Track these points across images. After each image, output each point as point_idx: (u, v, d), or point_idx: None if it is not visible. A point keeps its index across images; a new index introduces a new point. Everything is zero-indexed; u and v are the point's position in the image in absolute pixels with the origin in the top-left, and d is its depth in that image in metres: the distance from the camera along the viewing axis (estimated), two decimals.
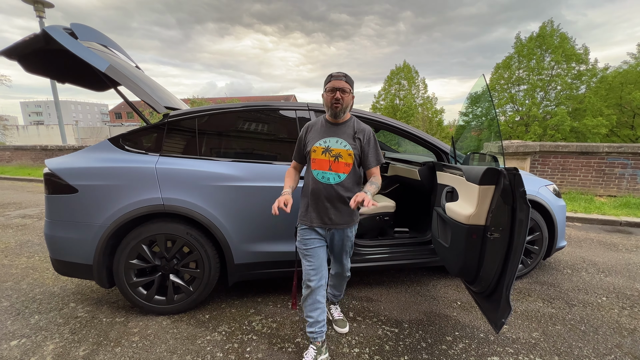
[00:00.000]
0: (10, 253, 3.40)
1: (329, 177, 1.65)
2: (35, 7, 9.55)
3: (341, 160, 1.64)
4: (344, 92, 1.58)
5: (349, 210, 1.70)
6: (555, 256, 3.25)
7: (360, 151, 1.66)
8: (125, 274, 2.10)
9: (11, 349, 1.86)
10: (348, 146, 1.64)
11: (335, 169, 1.65)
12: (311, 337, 1.72)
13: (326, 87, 1.63)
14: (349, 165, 1.65)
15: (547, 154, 5.87)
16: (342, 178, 1.65)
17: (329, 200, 1.66)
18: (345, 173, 1.65)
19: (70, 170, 2.08)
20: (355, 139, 1.65)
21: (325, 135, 1.68)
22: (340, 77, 1.59)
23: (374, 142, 1.69)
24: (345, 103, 1.60)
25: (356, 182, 1.72)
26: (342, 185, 1.65)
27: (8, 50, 2.10)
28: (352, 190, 1.68)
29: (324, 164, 1.65)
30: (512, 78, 22.70)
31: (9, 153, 12.24)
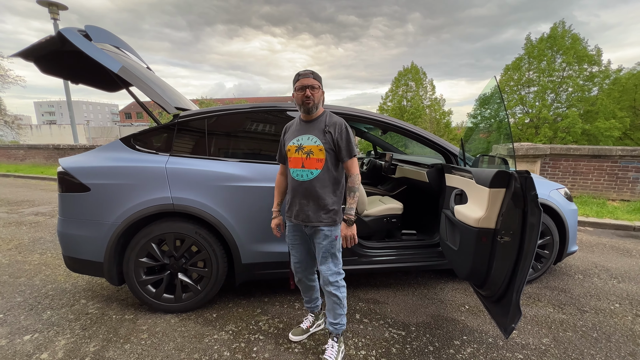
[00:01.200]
0: (24, 249, 3.48)
1: (302, 174, 1.66)
2: (49, 10, 9.79)
3: (312, 157, 1.63)
4: (312, 88, 1.60)
5: (325, 208, 1.66)
6: (566, 261, 3.19)
7: (333, 145, 1.63)
8: (134, 272, 2.14)
9: (24, 343, 1.90)
10: (318, 141, 1.63)
11: (308, 165, 1.64)
12: (308, 308, 2.02)
13: (295, 86, 1.65)
14: (321, 161, 1.63)
15: (558, 157, 5.77)
16: (314, 174, 1.64)
17: (304, 197, 1.67)
18: (318, 169, 1.63)
19: (83, 169, 2.12)
20: (326, 133, 1.63)
21: (298, 133, 1.70)
22: (308, 75, 1.62)
23: (346, 135, 1.64)
24: (316, 99, 1.62)
25: (333, 177, 1.67)
26: (316, 182, 1.64)
27: (25, 52, 2.16)
28: (327, 186, 1.66)
29: (297, 162, 1.67)
30: (522, 80, 22.38)
31: (23, 152, 12.54)
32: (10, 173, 10.00)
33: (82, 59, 2.07)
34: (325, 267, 1.71)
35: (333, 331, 1.78)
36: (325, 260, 1.71)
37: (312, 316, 2.02)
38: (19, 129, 25.62)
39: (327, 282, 1.71)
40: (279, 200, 1.88)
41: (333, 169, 1.67)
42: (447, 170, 2.38)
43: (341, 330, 1.78)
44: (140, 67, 2.60)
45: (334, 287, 1.72)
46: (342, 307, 1.75)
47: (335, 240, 1.69)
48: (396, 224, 2.78)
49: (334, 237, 1.69)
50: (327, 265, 1.71)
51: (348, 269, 2.38)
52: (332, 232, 1.68)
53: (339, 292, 1.73)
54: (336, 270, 1.73)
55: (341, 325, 1.77)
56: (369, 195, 3.25)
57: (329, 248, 1.69)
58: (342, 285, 1.75)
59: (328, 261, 1.71)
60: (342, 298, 1.74)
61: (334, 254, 1.71)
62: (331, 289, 1.72)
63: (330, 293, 1.72)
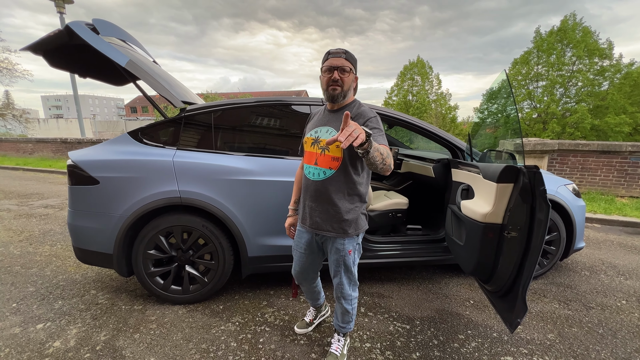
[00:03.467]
0: (35, 241, 3.55)
1: (314, 172, 1.43)
2: (55, 3, 9.81)
3: (327, 154, 1.38)
4: (343, 71, 1.34)
5: (337, 216, 1.42)
6: (573, 257, 3.17)
7: None
8: (143, 264, 2.17)
9: (37, 331, 1.95)
10: None
11: (322, 163, 1.40)
12: (310, 304, 1.97)
13: (323, 66, 1.38)
14: (337, 160, 1.37)
15: (566, 153, 5.69)
16: (327, 175, 1.39)
17: (314, 200, 1.45)
18: (333, 169, 1.38)
19: (92, 163, 2.15)
20: None
21: (319, 124, 1.46)
22: (340, 54, 1.34)
23: (376, 124, 1.35)
24: (345, 85, 1.36)
25: (351, 181, 1.40)
26: (329, 184, 1.40)
27: (34, 46, 2.17)
28: (343, 191, 1.40)
29: (311, 158, 1.44)
30: (531, 74, 21.98)
31: (31, 145, 12.70)
32: (19, 166, 10.15)
33: (90, 52, 2.08)
34: (337, 280, 1.54)
35: (339, 330, 1.70)
36: (338, 273, 1.53)
37: (315, 310, 2.00)
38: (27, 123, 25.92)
39: (339, 295, 1.58)
40: (296, 197, 1.69)
41: (352, 171, 1.39)
42: (454, 165, 2.37)
43: (348, 331, 1.70)
44: (147, 61, 2.61)
45: (345, 301, 1.58)
46: (351, 316, 1.64)
47: (349, 255, 1.48)
48: (401, 218, 2.78)
49: (347, 252, 1.47)
50: (339, 279, 1.54)
51: None
52: (344, 245, 1.46)
53: (349, 305, 1.59)
54: (349, 284, 1.55)
55: (349, 328, 1.68)
56: (375, 190, 3.25)
57: (340, 262, 1.50)
58: (355, 297, 1.60)
59: (340, 275, 1.53)
60: (351, 310, 1.61)
61: (348, 268, 1.51)
62: (343, 302, 1.59)
63: (341, 305, 1.60)
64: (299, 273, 1.71)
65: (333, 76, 1.34)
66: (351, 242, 1.49)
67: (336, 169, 1.39)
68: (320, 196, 1.44)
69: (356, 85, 1.46)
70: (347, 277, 1.55)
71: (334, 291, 1.61)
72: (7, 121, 24.07)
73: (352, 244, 1.49)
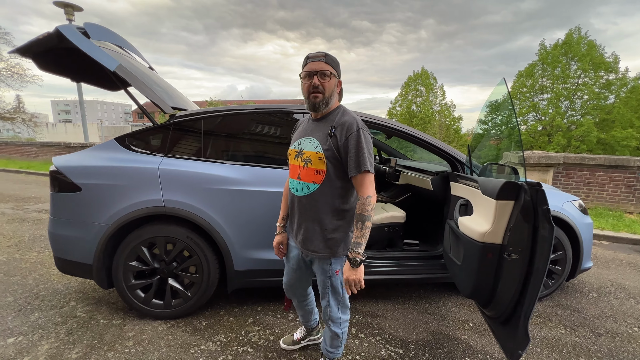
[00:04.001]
0: (23, 247, 3.47)
1: (298, 187, 1.34)
2: (65, 11, 10.01)
3: (310, 166, 1.29)
4: (324, 76, 1.23)
5: (323, 234, 1.32)
6: (580, 278, 3.00)
7: (337, 153, 1.25)
8: (124, 276, 2.07)
9: (7, 346, 1.84)
10: (319, 147, 1.27)
11: (304, 177, 1.31)
12: (302, 322, 1.84)
13: (302, 72, 1.28)
14: (321, 173, 1.27)
15: (572, 167, 5.54)
16: (311, 189, 1.29)
17: (299, 215, 1.36)
18: (317, 183, 1.28)
19: (75, 169, 2.07)
20: (331, 137, 1.25)
21: (303, 134, 1.37)
22: (319, 58, 1.24)
23: (356, 141, 1.22)
24: (327, 91, 1.25)
25: (337, 195, 1.30)
26: (313, 199, 1.30)
27: (23, 48, 2.13)
28: (328, 206, 1.29)
29: (295, 171, 1.36)
30: (535, 86, 21.93)
31: (36, 149, 12.81)
32: (22, 169, 10.20)
33: (81, 57, 2.03)
34: (325, 302, 1.45)
35: (327, 355, 1.58)
36: (325, 294, 1.44)
37: (305, 331, 1.87)
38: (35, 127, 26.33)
39: (327, 319, 1.48)
40: (284, 213, 1.54)
41: (339, 185, 1.30)
42: (452, 178, 2.26)
43: (336, 357, 1.57)
44: (141, 66, 2.56)
45: (334, 324, 1.47)
46: (341, 341, 1.52)
47: (336, 276, 1.37)
48: (398, 232, 2.66)
49: (334, 273, 1.37)
50: (326, 301, 1.44)
51: None
52: (331, 266, 1.36)
53: (339, 328, 1.48)
54: (337, 306, 1.44)
55: (337, 354, 1.56)
56: None
57: (327, 284, 1.40)
58: (345, 320, 1.49)
59: (328, 296, 1.43)
60: (341, 334, 1.50)
61: (335, 290, 1.40)
62: (331, 325, 1.48)
63: (329, 328, 1.50)
64: (287, 285, 1.64)
65: (313, 82, 1.24)
66: (339, 262, 1.37)
67: (320, 182, 1.29)
68: (305, 212, 1.34)
69: (340, 90, 1.36)
70: (335, 299, 1.44)
71: (322, 313, 1.51)
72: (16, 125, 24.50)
73: (340, 264, 1.38)
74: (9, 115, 23.63)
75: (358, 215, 1.23)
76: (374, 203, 1.23)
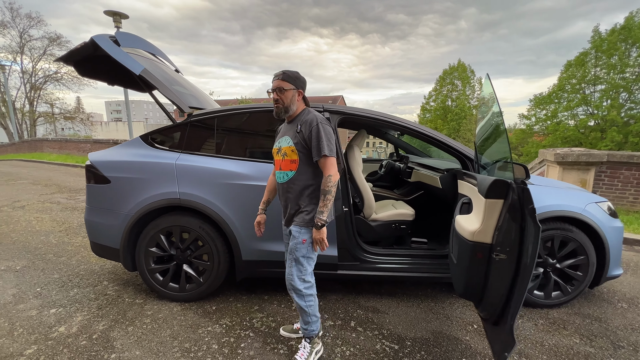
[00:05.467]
0: (71, 232, 3.93)
1: (280, 175, 1.68)
2: (114, 19, 10.97)
3: (286, 158, 1.63)
4: (281, 91, 1.57)
5: (300, 211, 1.64)
6: (611, 286, 2.77)
7: (305, 144, 1.58)
8: (145, 260, 2.30)
9: (49, 315, 2.15)
10: (290, 142, 1.61)
11: (284, 167, 1.64)
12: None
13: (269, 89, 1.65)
14: (295, 162, 1.61)
15: (618, 165, 5.03)
16: (289, 176, 1.63)
17: (283, 200, 1.70)
18: (293, 170, 1.62)
19: (106, 163, 2.33)
20: (298, 133, 1.60)
21: (281, 135, 1.72)
22: (278, 76, 1.58)
23: (317, 132, 1.54)
24: (285, 102, 1.59)
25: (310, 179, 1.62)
26: (292, 184, 1.63)
27: (65, 57, 2.43)
28: (302, 188, 1.61)
29: (277, 164, 1.69)
30: (587, 77, 19.91)
31: (90, 145, 14.20)
32: (77, 164, 11.40)
33: (113, 63, 2.27)
34: (288, 270, 1.67)
35: (304, 333, 1.77)
36: (290, 263, 1.66)
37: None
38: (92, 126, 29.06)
39: (290, 287, 1.67)
40: (266, 198, 1.90)
41: (310, 170, 1.62)
42: (459, 176, 2.20)
43: (312, 334, 1.75)
44: (167, 69, 2.79)
45: (296, 294, 1.67)
46: (309, 316, 1.70)
47: (302, 245, 1.61)
48: (406, 230, 2.64)
49: (301, 241, 1.61)
50: (290, 269, 1.66)
51: (349, 274, 2.34)
52: (300, 233, 1.61)
53: (302, 301, 1.67)
54: (299, 277, 1.65)
55: (311, 330, 1.74)
56: (383, 199, 3.13)
57: (294, 250, 1.63)
58: (309, 294, 1.68)
59: (292, 265, 1.65)
60: (306, 307, 1.68)
61: (298, 260, 1.63)
62: (293, 295, 1.68)
63: (294, 299, 1.69)
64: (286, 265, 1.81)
65: (273, 96, 1.60)
66: (306, 232, 1.62)
67: (296, 170, 1.62)
68: (286, 195, 1.67)
69: (302, 97, 1.66)
70: (297, 269, 1.65)
71: (286, 281, 1.69)
72: (75, 124, 27.31)
73: (308, 235, 1.61)
74: (70, 115, 26.43)
75: (322, 189, 1.54)
76: (335, 181, 1.54)
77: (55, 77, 23.54)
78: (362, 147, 2.79)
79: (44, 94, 24.32)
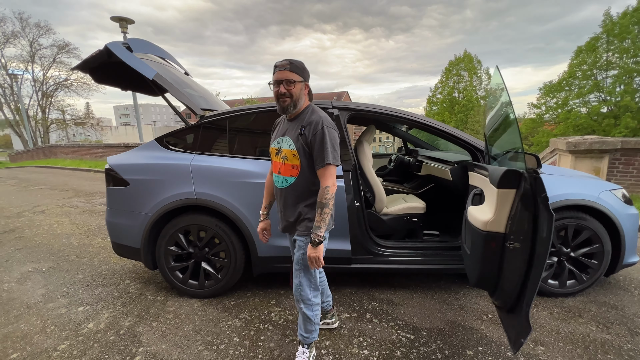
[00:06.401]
0: (90, 234, 4.07)
1: (279, 180, 1.53)
2: (120, 25, 11.16)
3: (287, 163, 1.47)
4: (289, 83, 1.37)
5: (299, 218, 1.51)
6: (628, 274, 2.74)
7: (307, 148, 1.42)
8: (165, 259, 2.38)
9: (78, 313, 2.25)
10: (292, 145, 1.44)
11: (284, 172, 1.49)
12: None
13: (272, 80, 1.42)
14: (296, 168, 1.45)
15: (633, 152, 4.92)
16: (289, 182, 1.48)
17: (282, 205, 1.56)
18: (293, 176, 1.47)
19: (124, 166, 2.42)
20: (301, 135, 1.42)
21: (280, 133, 1.54)
22: (284, 67, 1.37)
23: (321, 137, 1.37)
24: (294, 96, 1.39)
25: (313, 185, 1.46)
26: (292, 190, 1.49)
27: (81, 65, 2.51)
28: (305, 195, 1.47)
29: (276, 167, 1.54)
30: (599, 62, 19.37)
31: (101, 150, 14.52)
32: (91, 168, 11.67)
33: (127, 68, 2.35)
34: (297, 280, 1.56)
35: (303, 340, 1.68)
36: (298, 273, 1.55)
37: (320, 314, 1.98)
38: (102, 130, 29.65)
39: (298, 298, 1.57)
40: (267, 202, 1.76)
41: (313, 177, 1.46)
42: (470, 168, 2.21)
43: (312, 341, 1.69)
44: (177, 73, 2.86)
45: (304, 305, 1.57)
46: (313, 324, 1.63)
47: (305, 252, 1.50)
48: (417, 223, 2.67)
49: (305, 249, 1.50)
50: (298, 280, 1.55)
51: (363, 268, 2.38)
52: (305, 242, 1.49)
53: (310, 311, 1.58)
54: (309, 286, 1.56)
55: (313, 338, 1.67)
56: (394, 193, 3.16)
57: (302, 260, 1.52)
58: (316, 303, 1.60)
59: (300, 275, 1.54)
60: (312, 317, 1.60)
61: (307, 269, 1.52)
62: (301, 306, 1.58)
63: (301, 310, 1.60)
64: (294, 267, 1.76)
65: (280, 89, 1.39)
66: (308, 240, 1.49)
67: (297, 176, 1.47)
68: (286, 201, 1.54)
69: (309, 92, 1.51)
70: (307, 279, 1.56)
71: (294, 292, 1.61)
72: (86, 129, 27.97)
73: (307, 242, 1.50)
74: (80, 121, 27.05)
75: (318, 202, 1.40)
76: (332, 192, 1.39)
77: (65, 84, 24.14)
78: (371, 142, 2.81)
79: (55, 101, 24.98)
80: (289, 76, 1.38)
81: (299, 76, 1.40)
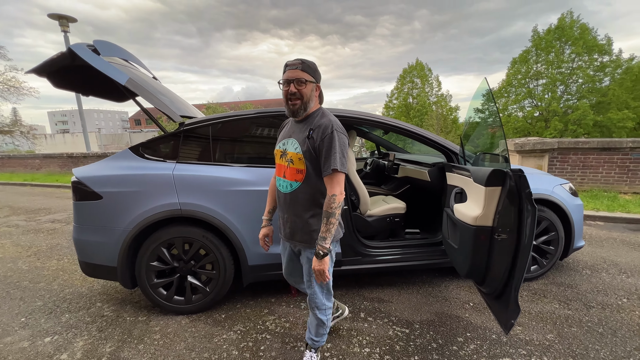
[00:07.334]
0: (42, 256, 3.63)
1: (283, 184, 1.46)
2: (60, 23, 10.10)
3: (292, 166, 1.40)
4: (300, 83, 1.30)
5: (306, 227, 1.44)
6: (575, 256, 3.16)
7: (315, 153, 1.35)
8: (146, 276, 2.22)
9: (45, 344, 2.01)
10: (298, 148, 1.37)
11: (289, 176, 1.42)
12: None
13: (282, 78, 1.35)
14: (302, 172, 1.38)
15: (567, 151, 5.68)
16: (294, 187, 1.41)
17: (286, 211, 1.49)
18: (298, 181, 1.39)
19: (95, 178, 2.22)
20: (309, 138, 1.35)
21: (286, 135, 1.48)
22: (296, 66, 1.30)
23: (329, 142, 1.31)
24: (305, 97, 1.32)
25: (319, 192, 1.41)
26: (297, 196, 1.42)
27: (38, 69, 2.26)
28: (311, 202, 1.41)
29: (280, 170, 1.47)
30: (530, 72, 22.03)
31: (39, 161, 12.95)
32: (27, 182, 10.34)
33: (91, 72, 2.16)
34: (310, 290, 1.54)
35: (312, 345, 1.68)
36: (310, 283, 1.52)
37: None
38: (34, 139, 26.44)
39: (314, 306, 1.56)
40: (270, 207, 1.70)
41: (319, 183, 1.40)
42: (448, 169, 2.41)
43: (321, 345, 1.69)
44: (147, 78, 2.70)
45: (319, 310, 1.57)
46: (325, 328, 1.64)
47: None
48: (399, 223, 2.81)
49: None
50: (312, 289, 1.53)
51: (353, 269, 2.45)
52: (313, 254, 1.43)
53: (324, 315, 1.58)
54: (322, 293, 1.54)
55: (321, 342, 1.68)
56: (373, 195, 3.29)
57: (311, 272, 1.46)
58: (329, 307, 1.60)
59: (313, 285, 1.52)
60: (326, 321, 1.61)
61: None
62: (317, 312, 1.58)
63: (316, 316, 1.59)
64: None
65: (290, 89, 1.32)
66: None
67: (302, 181, 1.40)
68: (289, 208, 1.47)
69: (320, 93, 1.44)
70: (320, 287, 1.54)
71: (308, 302, 1.60)
72: (15, 138, 24.65)
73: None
74: (7, 128, 23.77)
75: (324, 212, 1.33)
76: (340, 201, 1.33)
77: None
78: (352, 147, 2.92)
79: None
80: (300, 75, 1.31)
81: (310, 76, 1.33)
